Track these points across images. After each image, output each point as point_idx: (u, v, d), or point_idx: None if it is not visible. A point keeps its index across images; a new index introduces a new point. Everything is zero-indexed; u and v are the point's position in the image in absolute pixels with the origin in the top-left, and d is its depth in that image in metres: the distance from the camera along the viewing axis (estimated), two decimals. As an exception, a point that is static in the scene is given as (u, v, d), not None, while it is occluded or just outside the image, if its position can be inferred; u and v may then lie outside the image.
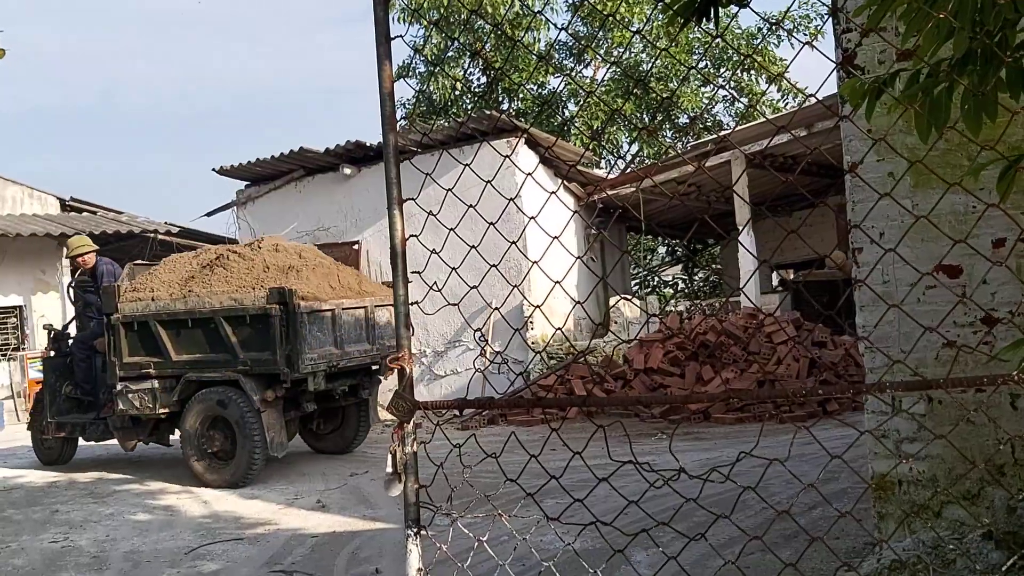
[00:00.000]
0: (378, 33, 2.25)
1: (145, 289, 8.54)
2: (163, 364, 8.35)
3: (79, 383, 9.38)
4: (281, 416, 8.13)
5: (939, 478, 4.20)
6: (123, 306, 8.49)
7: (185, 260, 8.97)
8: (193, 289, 8.32)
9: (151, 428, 8.78)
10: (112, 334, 8.52)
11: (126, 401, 8.41)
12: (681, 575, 4.33)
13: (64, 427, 9.40)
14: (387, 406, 2.17)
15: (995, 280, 4.05)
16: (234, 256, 8.57)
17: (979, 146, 2.29)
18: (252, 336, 7.97)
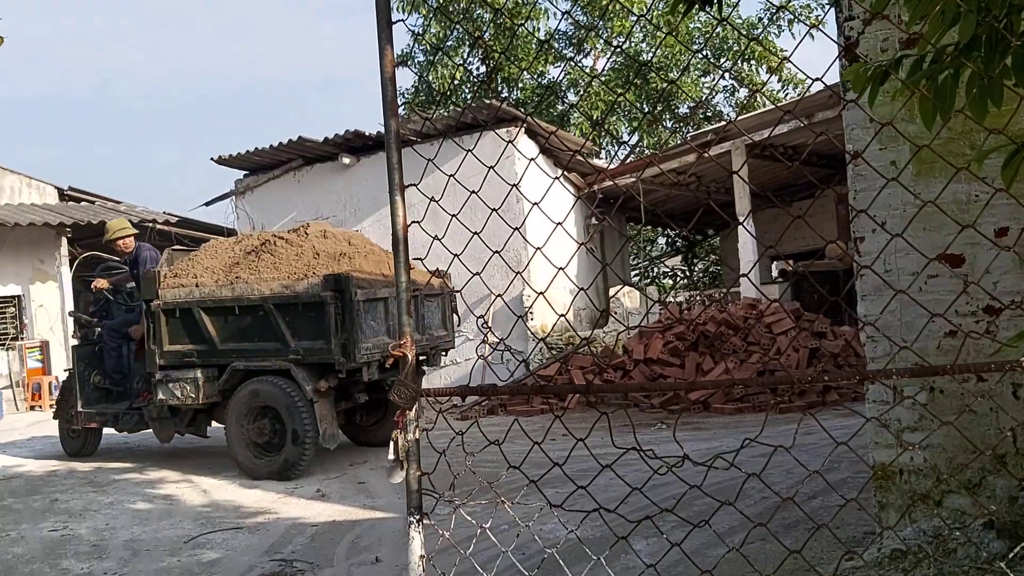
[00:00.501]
0: (379, 19, 2.23)
1: (187, 275, 8.28)
2: (207, 353, 8.10)
3: (109, 372, 9.14)
4: (333, 407, 7.92)
5: (940, 467, 4.20)
6: (164, 292, 8.22)
7: (226, 246, 8.70)
8: (240, 276, 8.05)
9: (189, 419, 8.56)
10: (152, 321, 8.24)
11: (166, 391, 8.16)
12: (681, 563, 4.34)
13: (95, 417, 9.12)
14: (390, 393, 2.16)
15: (997, 269, 4.04)
16: (281, 242, 8.28)
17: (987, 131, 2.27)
18: (305, 324, 7.73)
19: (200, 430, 8.74)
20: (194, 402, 8.13)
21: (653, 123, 19.43)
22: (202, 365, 8.11)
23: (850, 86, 3.09)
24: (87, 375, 9.20)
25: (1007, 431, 4.05)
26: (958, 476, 4.13)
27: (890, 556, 4.14)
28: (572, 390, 2.09)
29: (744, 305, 11.97)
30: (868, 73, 2.48)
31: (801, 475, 5.92)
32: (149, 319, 8.25)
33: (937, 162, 4.11)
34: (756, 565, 4.12)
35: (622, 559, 4.61)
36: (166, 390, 8.15)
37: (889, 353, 4.32)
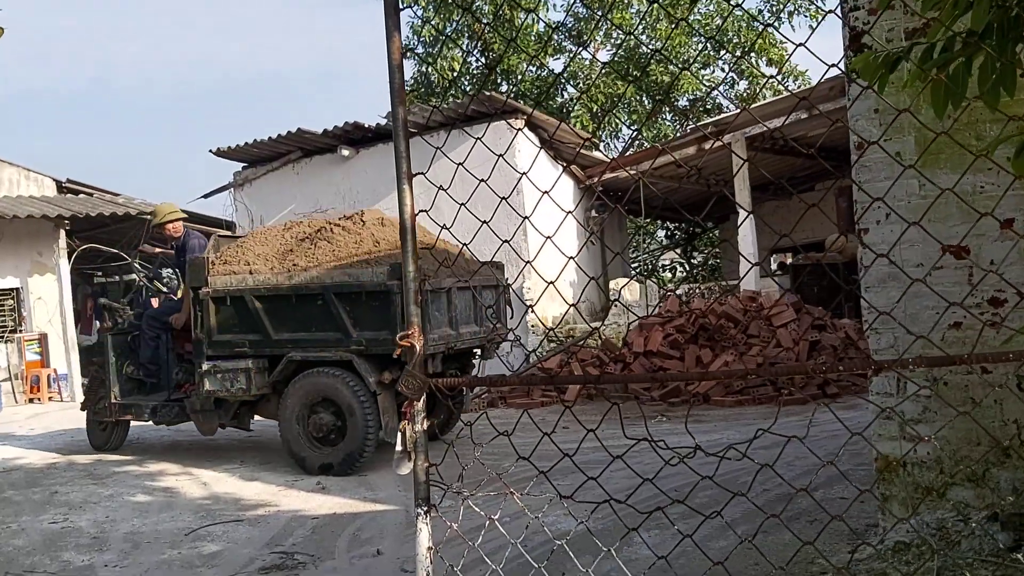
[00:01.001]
0: (387, 5, 2.21)
1: (239, 262, 7.97)
2: (261, 342, 7.81)
3: (144, 363, 8.84)
4: (394, 399, 7.49)
5: (944, 459, 4.19)
6: (214, 280, 7.91)
7: (275, 233, 8.40)
8: (297, 263, 7.75)
9: (234, 411, 8.25)
10: (200, 309, 7.96)
11: (214, 381, 7.85)
12: (684, 555, 4.33)
13: (130, 409, 8.80)
14: (398, 384, 2.14)
15: (1003, 260, 4.02)
16: (338, 229, 8.01)
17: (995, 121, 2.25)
18: (368, 313, 7.40)
19: (243, 423, 8.44)
20: (244, 394, 7.86)
21: (653, 116, 19.40)
22: (254, 355, 7.83)
23: (857, 76, 3.08)
24: (120, 366, 8.87)
25: (1012, 422, 4.04)
26: (962, 468, 4.13)
27: (893, 548, 4.13)
28: (582, 381, 2.08)
29: (744, 298, 11.96)
30: (878, 62, 2.46)
31: (803, 467, 5.92)
32: (196, 307, 7.99)
33: (943, 154, 4.10)
34: (763, 554, 4.12)
35: (625, 551, 4.61)
36: (214, 381, 7.87)
37: (893, 345, 4.31)
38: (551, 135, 12.67)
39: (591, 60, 19.67)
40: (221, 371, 7.84)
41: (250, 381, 7.76)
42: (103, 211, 15.92)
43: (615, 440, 4.07)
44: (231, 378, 7.82)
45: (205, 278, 7.93)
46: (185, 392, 8.39)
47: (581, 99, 18.85)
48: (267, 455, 8.62)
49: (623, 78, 18.17)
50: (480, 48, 20.10)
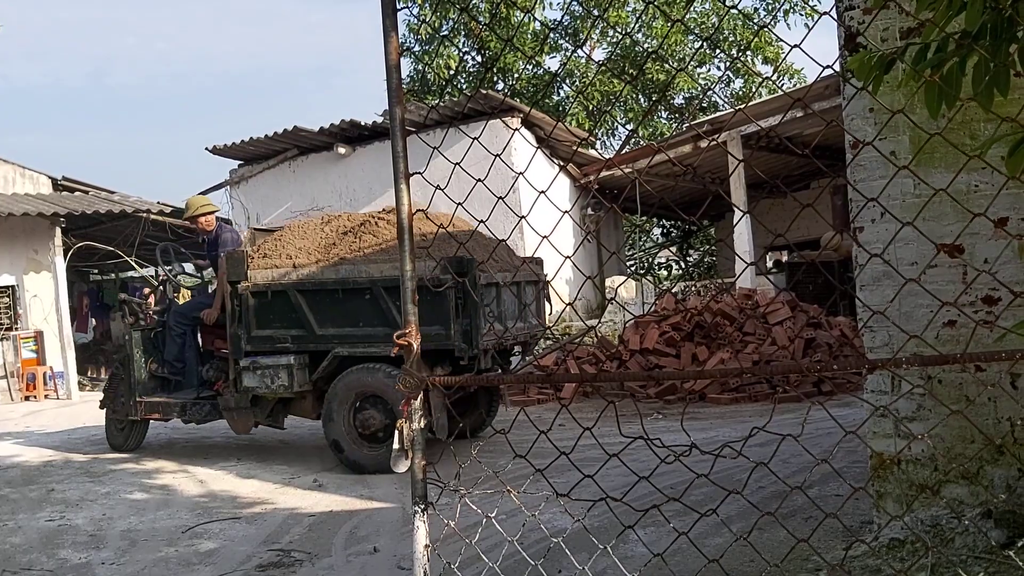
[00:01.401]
0: (384, 4, 2.22)
1: (279, 256, 7.77)
2: (304, 338, 7.57)
3: (169, 359, 8.62)
4: (444, 396, 7.27)
5: (938, 457, 4.21)
6: (254, 274, 7.70)
7: (313, 226, 8.14)
8: (344, 257, 7.50)
9: (270, 409, 8.02)
10: (239, 304, 7.73)
11: (253, 378, 7.63)
12: (679, 552, 4.35)
13: (158, 407, 8.52)
14: (396, 382, 2.15)
15: (997, 259, 4.04)
16: (383, 223, 7.76)
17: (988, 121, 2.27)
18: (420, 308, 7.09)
19: (278, 421, 8.19)
20: (286, 390, 7.63)
21: (649, 114, 19.41)
22: (296, 351, 7.61)
23: (852, 75, 3.09)
24: (143, 362, 8.62)
25: (1005, 420, 4.07)
26: (956, 466, 4.15)
27: (888, 545, 4.15)
28: (578, 380, 2.09)
29: (740, 295, 11.99)
30: (872, 62, 2.48)
31: (799, 464, 5.94)
32: (235, 302, 7.77)
33: (937, 152, 4.12)
34: (758, 551, 4.13)
35: (621, 548, 4.63)
36: (253, 377, 7.65)
37: (888, 343, 4.33)
38: (548, 134, 12.68)
39: (587, 59, 19.66)
40: (261, 367, 7.63)
41: (292, 378, 7.55)
42: (99, 209, 15.89)
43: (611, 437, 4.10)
44: (272, 375, 7.61)
45: (245, 272, 7.75)
46: (217, 390, 8.19)
47: (577, 98, 18.87)
48: (264, 453, 8.63)
49: (619, 76, 18.18)
50: (477, 46, 20.10)
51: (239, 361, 7.74)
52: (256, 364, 7.63)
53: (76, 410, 13.72)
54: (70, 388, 15.53)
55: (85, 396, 15.88)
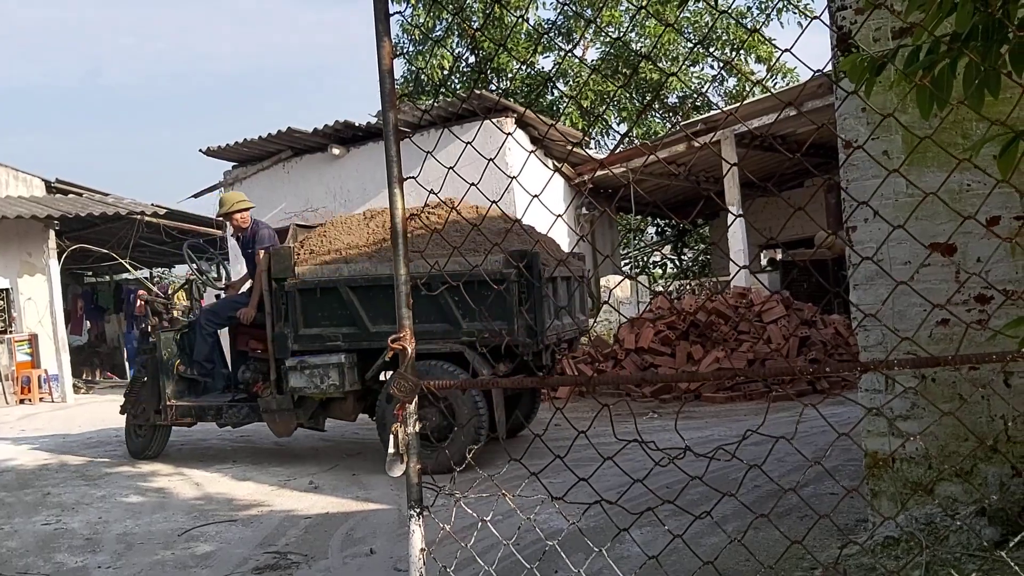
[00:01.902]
0: (377, 10, 2.22)
1: (327, 252, 7.61)
2: (356, 335, 7.33)
3: (199, 360, 8.36)
4: (502, 393, 7.17)
5: (932, 455, 4.23)
6: (303, 270, 7.51)
7: (357, 222, 7.96)
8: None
9: (313, 410, 7.76)
10: (285, 302, 7.53)
11: (301, 378, 7.38)
12: (674, 552, 4.36)
13: (191, 411, 8.23)
14: (390, 386, 2.16)
15: (989, 258, 4.06)
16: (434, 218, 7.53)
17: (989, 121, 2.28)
18: (481, 304, 6.98)
19: (320, 423, 7.93)
20: (336, 390, 7.39)
21: (643, 113, 19.43)
22: (347, 349, 7.36)
23: (844, 76, 3.10)
24: (171, 365, 8.31)
25: (999, 418, 4.08)
26: (950, 464, 4.16)
27: (883, 544, 4.17)
28: (573, 382, 2.10)
29: (734, 294, 12.01)
30: (864, 65, 2.49)
31: (794, 463, 5.95)
32: (281, 299, 7.56)
33: (929, 152, 4.13)
34: (753, 548, 4.14)
35: (616, 549, 4.63)
36: (301, 378, 7.41)
37: (881, 342, 4.35)
38: (543, 135, 12.67)
39: (580, 60, 19.67)
40: (309, 367, 7.38)
41: (343, 377, 7.30)
42: (92, 211, 15.87)
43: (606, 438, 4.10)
44: (321, 374, 7.37)
45: (292, 268, 7.56)
46: (257, 391, 7.94)
47: (571, 100, 18.87)
48: (259, 455, 8.63)
49: (612, 75, 18.19)
50: (470, 47, 20.09)
51: (285, 361, 7.52)
52: (304, 364, 7.41)
53: (71, 413, 13.71)
54: (65, 391, 15.51)
55: (80, 399, 15.87)
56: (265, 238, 8.31)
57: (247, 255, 8.50)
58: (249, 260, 8.40)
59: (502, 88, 19.62)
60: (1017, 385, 4.05)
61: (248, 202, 8.64)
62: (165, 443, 8.74)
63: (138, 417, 8.54)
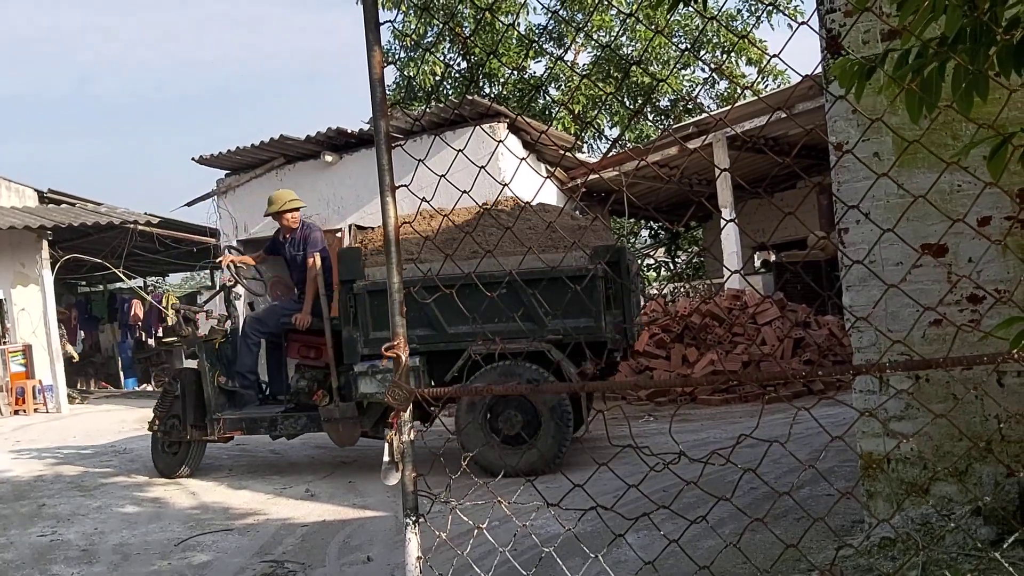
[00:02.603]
0: (367, 19, 2.23)
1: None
2: (432, 337, 7.11)
3: (241, 371, 7.97)
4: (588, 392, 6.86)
5: (927, 455, 4.24)
6: (373, 271, 7.29)
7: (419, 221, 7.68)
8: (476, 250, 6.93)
9: (379, 417, 7.48)
10: (354, 305, 7.29)
11: (372, 384, 7.09)
12: (670, 556, 4.36)
13: (240, 424, 7.80)
14: (385, 394, 2.16)
15: (980, 258, 4.08)
16: (505, 215, 7.47)
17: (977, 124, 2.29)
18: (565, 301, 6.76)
19: (379, 430, 7.55)
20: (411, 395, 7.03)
21: (635, 117, 19.46)
22: (422, 352, 7.11)
23: (834, 79, 3.12)
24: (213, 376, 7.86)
25: (992, 418, 4.10)
26: (944, 464, 4.18)
27: (879, 544, 4.18)
28: (567, 389, 2.10)
29: (728, 296, 12.03)
30: (855, 69, 2.50)
31: (789, 465, 5.96)
32: (348, 302, 7.32)
33: (920, 152, 4.15)
34: (749, 551, 4.15)
35: (612, 554, 4.63)
36: (371, 383, 7.11)
37: (875, 343, 4.36)
38: (535, 139, 12.69)
39: (571, 64, 19.69)
40: (382, 372, 7.06)
41: (419, 380, 6.98)
42: (85, 221, 15.83)
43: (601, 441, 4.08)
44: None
45: (361, 270, 7.33)
46: (316, 400, 7.64)
47: (562, 101, 18.89)
48: (254, 464, 8.62)
49: (604, 80, 18.22)
50: (461, 53, 20.11)
51: (353, 366, 7.26)
52: (376, 368, 7.12)
53: (66, 423, 13.67)
54: (59, 402, 15.46)
55: (75, 409, 15.82)
56: (318, 241, 7.98)
57: (293, 258, 8.08)
58: (295, 264, 8.03)
59: (494, 94, 19.64)
60: (1010, 385, 4.06)
61: (299, 201, 8.24)
62: (200, 459, 8.28)
63: (170, 433, 8.04)
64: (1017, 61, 2.21)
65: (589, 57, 20.10)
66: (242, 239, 14.84)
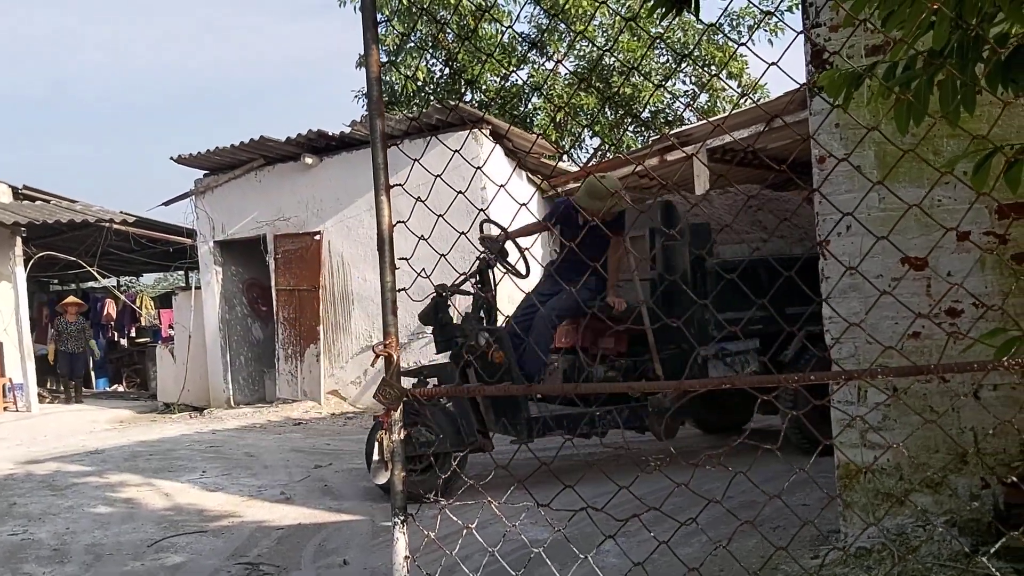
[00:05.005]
0: (365, 18, 2.24)
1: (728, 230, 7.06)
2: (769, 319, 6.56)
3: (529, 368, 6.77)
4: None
5: (904, 466, 4.29)
6: (724, 249, 7.02)
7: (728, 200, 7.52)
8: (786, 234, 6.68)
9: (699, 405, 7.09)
10: (703, 284, 6.83)
11: (721, 367, 6.72)
12: (653, 562, 4.38)
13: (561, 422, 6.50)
14: (375, 394, 2.16)
15: (959, 272, 4.14)
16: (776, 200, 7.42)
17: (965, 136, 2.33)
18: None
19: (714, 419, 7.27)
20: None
21: (616, 128, 19.55)
22: (762, 333, 6.79)
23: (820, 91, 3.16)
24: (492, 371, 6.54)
25: (969, 430, 4.16)
26: (921, 475, 4.23)
27: (855, 554, 4.22)
28: (559, 391, 2.11)
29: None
30: (842, 80, 2.54)
31: (768, 474, 5.97)
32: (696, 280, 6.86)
33: (902, 167, 4.21)
34: (726, 560, 4.18)
35: (600, 557, 4.64)
36: (720, 367, 6.73)
37: (854, 354, 4.41)
38: (521, 150, 12.71)
39: (553, 70, 19.75)
40: (730, 355, 6.74)
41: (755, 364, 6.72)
42: (60, 218, 15.68)
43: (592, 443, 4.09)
44: (741, 361, 6.75)
45: (711, 247, 6.96)
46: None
47: (544, 108, 18.95)
48: (229, 466, 8.55)
49: (587, 90, 18.28)
50: (445, 59, 20.13)
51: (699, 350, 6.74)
52: (724, 351, 6.75)
53: (36, 422, 13.52)
54: (30, 400, 15.27)
55: (45, 408, 15.64)
56: (626, 222, 7.24)
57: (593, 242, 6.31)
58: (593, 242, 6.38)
59: (476, 101, 19.68)
60: (986, 398, 4.12)
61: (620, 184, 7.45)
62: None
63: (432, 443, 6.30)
64: (1004, 76, 2.25)
65: (571, 66, 20.16)
66: (219, 240, 14.75)
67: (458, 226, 2.38)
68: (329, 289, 13.59)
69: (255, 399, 14.79)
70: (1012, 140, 2.78)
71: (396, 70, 19.10)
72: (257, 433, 11.20)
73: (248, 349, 15.11)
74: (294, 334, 13.87)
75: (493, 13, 17.40)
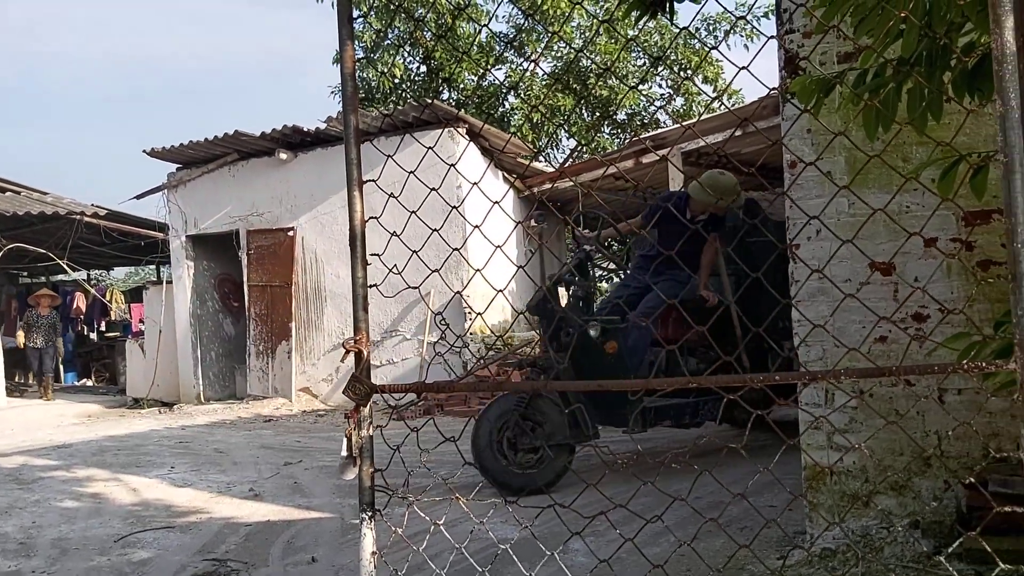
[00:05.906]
0: (340, 13, 2.24)
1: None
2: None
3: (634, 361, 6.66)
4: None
5: (869, 469, 4.35)
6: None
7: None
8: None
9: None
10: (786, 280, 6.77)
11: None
12: (620, 561, 4.41)
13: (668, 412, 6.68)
14: (343, 389, 2.16)
15: (926, 278, 4.20)
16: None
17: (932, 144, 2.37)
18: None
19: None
20: None
21: (592, 130, 19.60)
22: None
23: (792, 97, 3.20)
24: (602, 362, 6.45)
25: (932, 433, 4.22)
26: (886, 477, 4.29)
27: (820, 555, 4.27)
28: (528, 388, 2.13)
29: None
30: (814, 86, 2.58)
31: (734, 476, 6.03)
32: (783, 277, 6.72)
33: (871, 173, 4.27)
34: (693, 560, 4.21)
35: (567, 555, 4.66)
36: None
37: (822, 357, 4.46)
38: (494, 148, 12.71)
39: (529, 70, 19.77)
40: None
41: None
42: (30, 210, 15.50)
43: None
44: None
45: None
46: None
47: (521, 109, 18.96)
48: (198, 462, 8.50)
49: (563, 91, 18.32)
50: (422, 57, 20.09)
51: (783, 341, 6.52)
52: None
53: (3, 416, 13.36)
54: (-5, 393, 15.09)
55: (13, 402, 15.44)
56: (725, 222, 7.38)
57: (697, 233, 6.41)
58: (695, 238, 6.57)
59: (454, 100, 19.66)
60: (950, 402, 4.19)
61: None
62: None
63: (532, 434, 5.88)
64: (970, 85, 2.29)
65: (548, 67, 20.20)
66: (191, 234, 14.65)
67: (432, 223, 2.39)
68: (302, 286, 13.54)
69: (225, 395, 14.70)
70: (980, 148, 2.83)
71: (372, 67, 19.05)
72: (227, 429, 11.14)
73: (219, 345, 15.02)
74: (266, 330, 13.81)
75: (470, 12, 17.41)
